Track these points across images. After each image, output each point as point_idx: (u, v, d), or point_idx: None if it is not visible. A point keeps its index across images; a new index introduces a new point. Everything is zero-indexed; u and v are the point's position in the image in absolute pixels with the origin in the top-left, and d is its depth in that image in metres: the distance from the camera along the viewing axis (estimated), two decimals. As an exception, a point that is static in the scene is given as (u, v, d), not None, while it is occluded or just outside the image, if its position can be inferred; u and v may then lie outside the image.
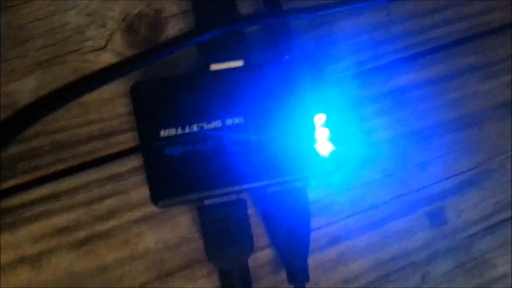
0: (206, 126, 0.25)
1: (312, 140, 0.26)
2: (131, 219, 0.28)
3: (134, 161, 0.28)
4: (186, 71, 0.28)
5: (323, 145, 0.27)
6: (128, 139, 0.28)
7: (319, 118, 0.27)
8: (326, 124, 0.27)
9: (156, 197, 0.25)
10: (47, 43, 0.27)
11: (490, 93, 0.32)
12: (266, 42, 0.29)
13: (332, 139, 0.27)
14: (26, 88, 0.27)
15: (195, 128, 0.25)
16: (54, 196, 0.27)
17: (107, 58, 0.27)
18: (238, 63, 0.27)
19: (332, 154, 0.27)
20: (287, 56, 0.28)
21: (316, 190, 0.29)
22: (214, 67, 0.27)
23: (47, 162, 0.27)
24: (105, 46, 0.27)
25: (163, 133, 0.25)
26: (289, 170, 0.26)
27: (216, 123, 0.26)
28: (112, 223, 0.27)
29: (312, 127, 0.27)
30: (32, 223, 0.26)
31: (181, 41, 0.27)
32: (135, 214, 0.28)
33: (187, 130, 0.25)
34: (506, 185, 0.31)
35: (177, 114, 0.25)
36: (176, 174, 0.25)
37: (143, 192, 0.27)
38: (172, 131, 0.25)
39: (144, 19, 0.28)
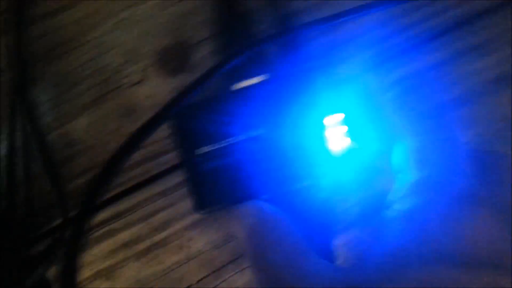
0: (233, 140, 0.29)
1: (324, 142, 0.29)
2: (182, 226, 0.32)
3: (177, 177, 0.32)
4: (214, 92, 0.32)
5: (339, 144, 0.29)
6: (170, 159, 0.32)
7: (336, 117, 0.29)
8: (345, 122, 0.29)
9: (198, 207, 0.29)
10: (92, 85, 0.31)
11: None
12: (281, 54, 0.33)
13: (351, 136, 0.29)
14: (80, 127, 0.31)
15: (223, 143, 0.29)
16: (117, 216, 0.31)
17: (145, 91, 0.31)
18: (259, 79, 0.30)
19: (348, 152, 0.29)
20: (300, 65, 0.32)
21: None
22: (237, 86, 0.30)
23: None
24: (142, 80, 0.31)
25: (198, 151, 0.29)
26: (306, 174, 0.29)
27: (241, 136, 0.29)
28: (167, 232, 0.31)
29: (323, 128, 0.29)
30: (101, 242, 0.30)
31: (213, 73, 0.30)
32: (185, 222, 0.32)
33: (217, 145, 0.29)
34: None
35: (209, 133, 0.29)
36: (213, 184, 0.29)
37: (189, 203, 0.31)
38: (205, 148, 0.29)
39: (173, 51, 0.32)
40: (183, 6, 0.32)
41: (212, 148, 0.29)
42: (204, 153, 0.29)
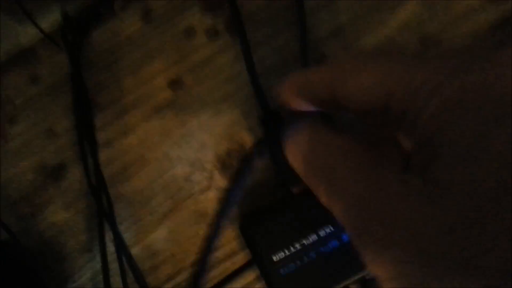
0: (306, 241, 0.31)
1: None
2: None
3: (253, 273, 0.34)
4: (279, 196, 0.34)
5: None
6: (244, 256, 0.34)
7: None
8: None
9: None
10: (166, 197, 0.34)
11: None
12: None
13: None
14: (160, 238, 0.33)
15: (298, 246, 0.30)
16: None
17: (215, 194, 0.34)
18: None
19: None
20: None
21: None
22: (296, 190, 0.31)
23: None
24: (210, 185, 0.34)
25: (275, 258, 0.30)
26: None
27: (313, 237, 0.31)
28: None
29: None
30: None
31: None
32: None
33: (292, 249, 0.30)
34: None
35: (281, 239, 0.31)
36: None
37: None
38: (281, 254, 0.31)
39: (233, 155, 0.34)
40: (234, 114, 0.36)
41: (288, 253, 0.31)
42: (280, 259, 0.31)
